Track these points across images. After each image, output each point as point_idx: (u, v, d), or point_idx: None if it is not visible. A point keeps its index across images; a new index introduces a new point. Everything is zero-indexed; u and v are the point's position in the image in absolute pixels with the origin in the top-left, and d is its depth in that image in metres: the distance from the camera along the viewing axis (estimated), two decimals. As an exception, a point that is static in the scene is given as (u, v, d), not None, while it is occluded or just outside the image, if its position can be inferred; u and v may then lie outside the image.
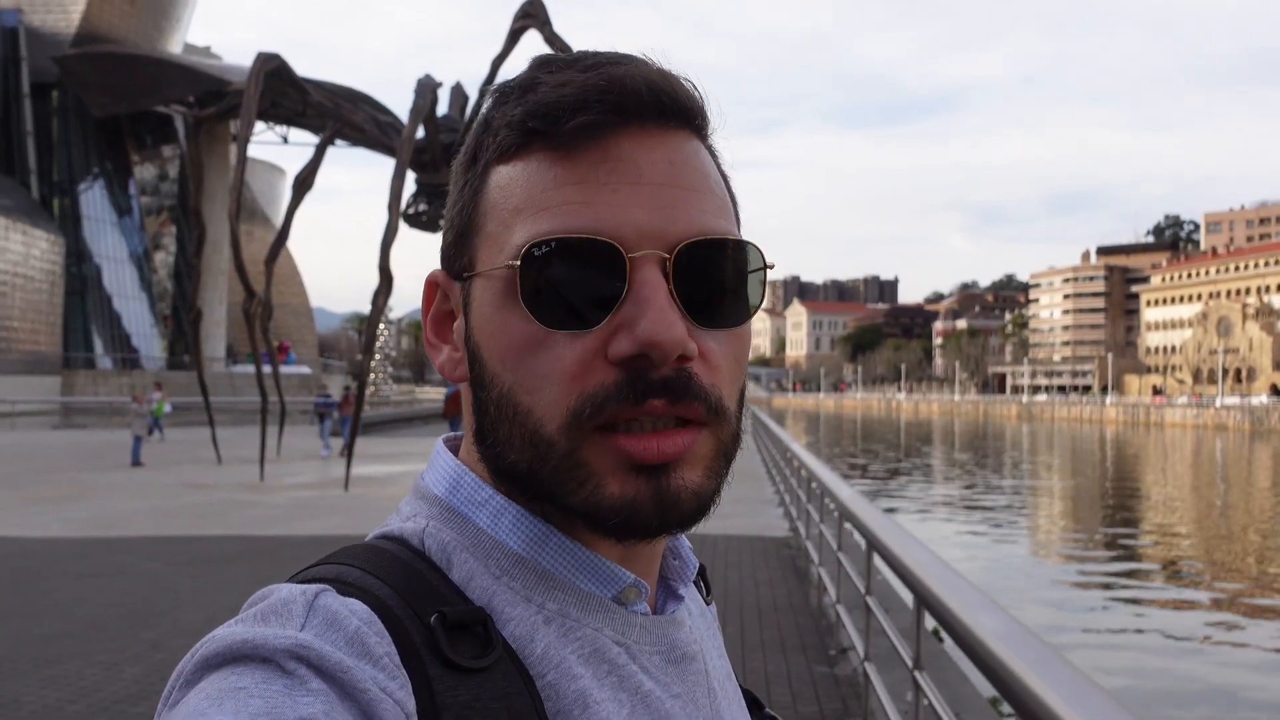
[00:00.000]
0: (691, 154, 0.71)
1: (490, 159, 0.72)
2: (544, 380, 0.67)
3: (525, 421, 0.68)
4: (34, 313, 64.11)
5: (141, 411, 22.72)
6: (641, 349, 0.65)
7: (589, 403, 0.66)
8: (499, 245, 0.70)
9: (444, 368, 0.76)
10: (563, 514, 0.70)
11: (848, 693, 6.15)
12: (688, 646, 0.76)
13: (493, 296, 0.70)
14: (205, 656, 0.58)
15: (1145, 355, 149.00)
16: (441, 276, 0.77)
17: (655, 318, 0.65)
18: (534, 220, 0.67)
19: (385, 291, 16.96)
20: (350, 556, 0.69)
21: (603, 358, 0.66)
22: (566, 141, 0.68)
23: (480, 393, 0.71)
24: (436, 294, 0.78)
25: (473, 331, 0.72)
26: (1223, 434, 73.37)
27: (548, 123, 0.68)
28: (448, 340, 0.77)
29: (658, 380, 0.66)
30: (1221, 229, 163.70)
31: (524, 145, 0.69)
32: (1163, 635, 12.93)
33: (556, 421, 0.66)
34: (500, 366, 0.69)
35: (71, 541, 11.74)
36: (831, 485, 7.29)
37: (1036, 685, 2.11)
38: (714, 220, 0.70)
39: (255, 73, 18.34)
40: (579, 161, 0.68)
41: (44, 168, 68.42)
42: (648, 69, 0.70)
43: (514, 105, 0.70)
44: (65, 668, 6.50)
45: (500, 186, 0.71)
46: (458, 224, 0.74)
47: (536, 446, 0.68)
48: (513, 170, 0.70)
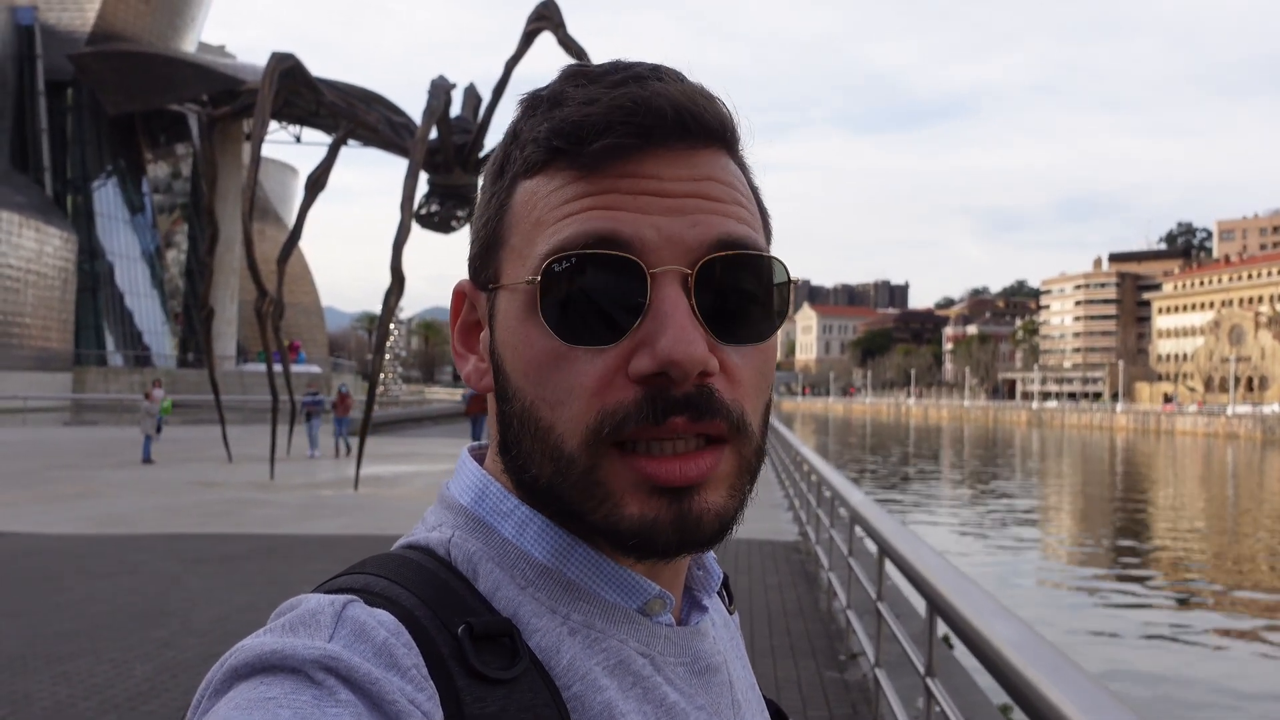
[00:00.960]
0: (718, 169, 0.71)
1: (517, 173, 0.72)
2: (565, 395, 0.67)
3: (546, 437, 0.68)
4: (46, 309, 64.32)
5: (151, 410, 22.80)
6: (661, 367, 0.64)
7: (608, 420, 0.65)
8: (522, 259, 0.70)
9: (470, 377, 0.77)
10: (584, 530, 0.70)
11: (858, 698, 6.14)
12: (712, 658, 0.76)
13: (516, 309, 0.70)
14: (234, 666, 0.58)
15: (1156, 363, 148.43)
16: (468, 287, 0.77)
17: (675, 335, 0.64)
18: (554, 231, 0.67)
19: (396, 291, 17.00)
20: (377, 566, 0.69)
21: (624, 374, 0.66)
22: (590, 160, 0.68)
23: (504, 405, 0.72)
24: (464, 304, 0.78)
25: (497, 344, 0.72)
26: (1234, 442, 73.02)
27: (572, 142, 0.68)
28: (474, 350, 0.77)
29: (679, 397, 0.65)
30: (1234, 237, 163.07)
31: (549, 161, 0.70)
32: (1176, 642, 12.89)
33: (576, 438, 0.66)
34: (523, 380, 0.69)
35: (83, 539, 11.78)
36: (842, 490, 7.28)
37: (1050, 692, 2.11)
38: (737, 229, 0.69)
39: (270, 72, 18.39)
40: (603, 176, 0.68)
41: (58, 165, 68.64)
42: (674, 88, 0.69)
43: (540, 119, 0.70)
44: (76, 665, 6.52)
45: (524, 200, 0.71)
46: (484, 236, 0.75)
47: (557, 462, 0.68)
48: (536, 184, 0.70)
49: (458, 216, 21.88)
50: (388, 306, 17.36)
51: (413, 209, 17.74)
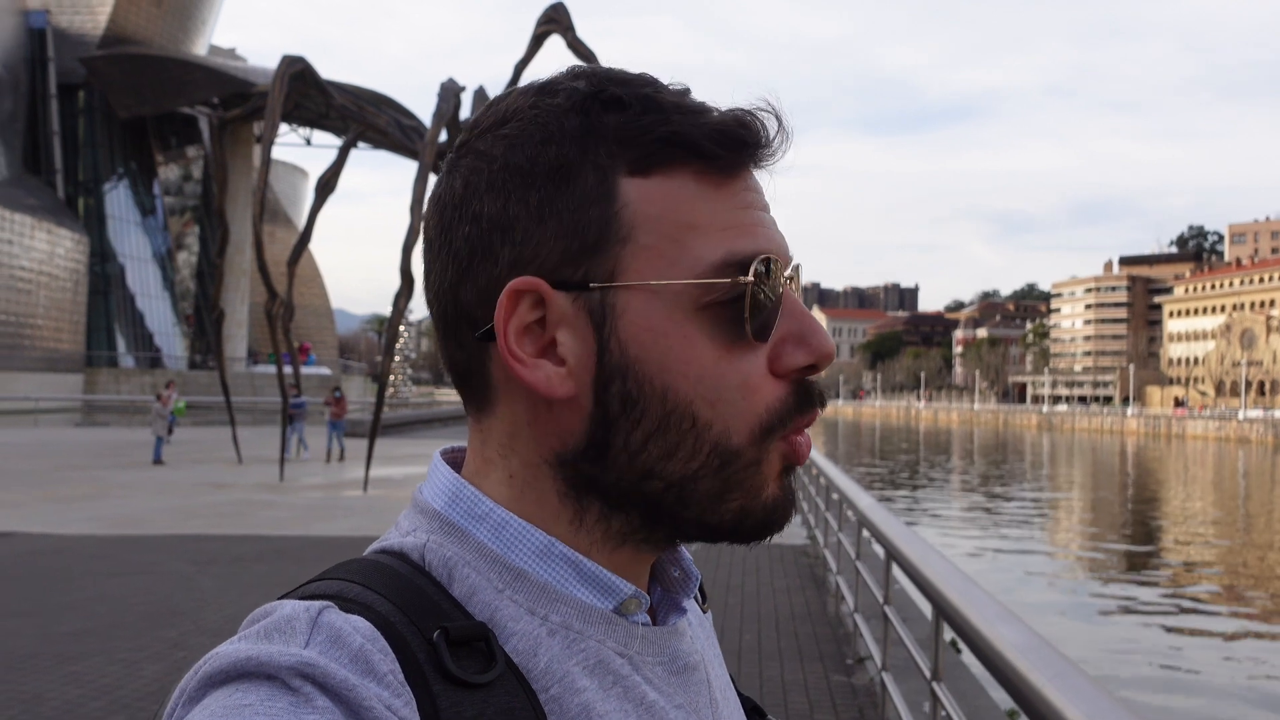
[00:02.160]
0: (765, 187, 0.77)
1: (615, 168, 0.69)
2: (730, 392, 0.69)
3: (705, 433, 0.69)
4: (58, 311, 64.62)
5: (163, 411, 22.87)
6: (818, 359, 0.71)
7: (773, 414, 0.70)
8: (666, 259, 0.68)
9: (541, 383, 0.70)
10: (663, 529, 0.73)
11: (865, 702, 6.14)
12: (689, 657, 0.76)
13: (668, 310, 0.68)
14: (209, 674, 0.58)
15: (1167, 367, 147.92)
16: (539, 284, 0.69)
17: (823, 332, 0.71)
18: (722, 237, 0.69)
19: (406, 294, 17.03)
20: (350, 572, 0.69)
21: (768, 371, 0.70)
22: (724, 168, 0.71)
23: (629, 408, 0.69)
24: (521, 303, 0.70)
25: (625, 343, 0.68)
26: (1245, 447, 72.73)
27: (722, 145, 0.70)
28: (544, 355, 0.70)
29: (819, 390, 0.73)
30: (1246, 240, 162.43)
31: (667, 161, 0.69)
32: (1185, 649, 12.84)
33: (745, 434, 0.70)
34: (677, 379, 0.68)
35: (94, 539, 11.83)
36: (850, 493, 7.29)
37: (1056, 698, 2.11)
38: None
39: (280, 75, 18.45)
40: (734, 185, 0.72)
41: (70, 168, 68.99)
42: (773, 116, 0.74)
43: (653, 119, 0.69)
44: (86, 665, 6.56)
45: (649, 199, 0.69)
46: (578, 231, 0.69)
47: (719, 455, 0.69)
48: (660, 185, 0.69)
49: (467, 219, 21.92)
50: (397, 309, 17.39)
51: (422, 211, 17.74)
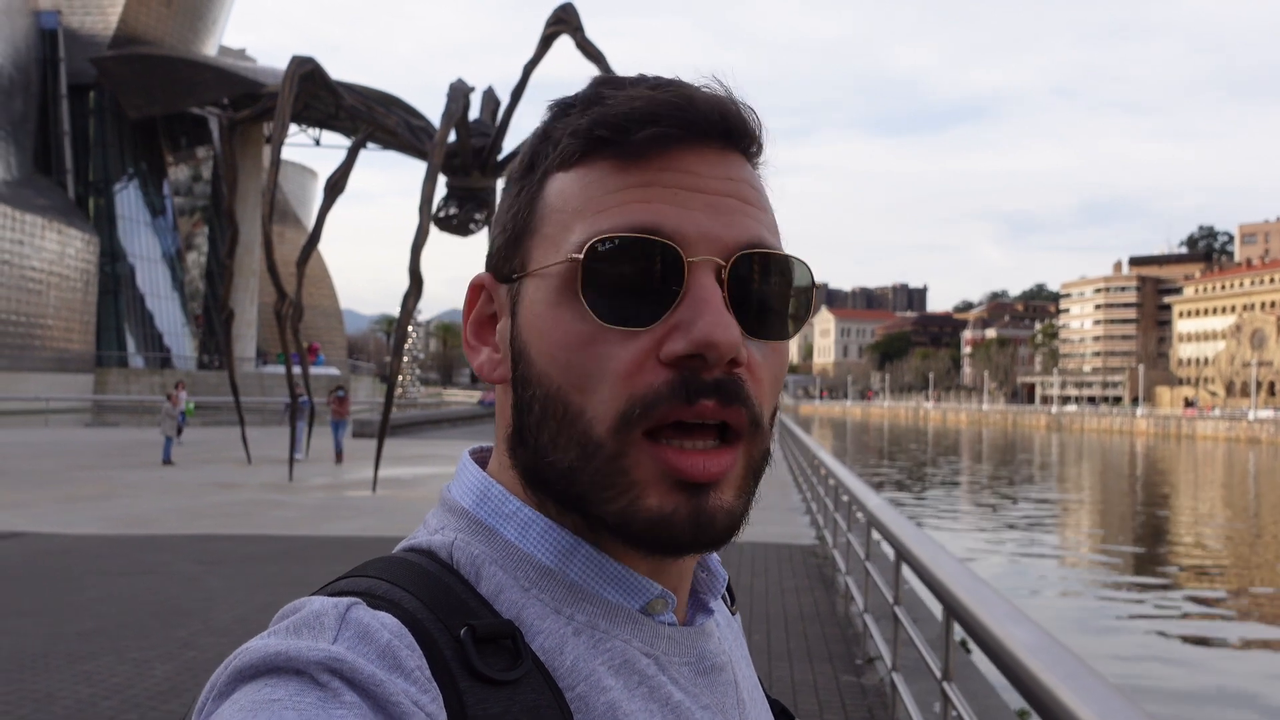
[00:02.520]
0: (750, 174, 0.73)
1: (550, 166, 0.73)
2: (595, 379, 0.67)
3: (575, 422, 0.68)
4: (68, 311, 64.81)
5: (172, 411, 22.92)
6: (698, 349, 0.66)
7: (638, 403, 0.66)
8: (555, 245, 0.70)
9: (482, 368, 0.76)
10: (590, 525, 0.70)
11: (874, 702, 6.13)
12: (716, 657, 0.76)
13: (546, 294, 0.70)
14: (239, 668, 0.59)
15: (1177, 367, 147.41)
16: (487, 279, 0.77)
17: (713, 319, 0.66)
18: (594, 219, 0.69)
19: (415, 294, 17.04)
20: (379, 569, 0.70)
21: (654, 359, 0.67)
22: (633, 151, 0.69)
23: (524, 392, 0.71)
24: (480, 297, 0.78)
25: (520, 330, 0.72)
26: (1256, 447, 72.46)
27: (616, 132, 0.69)
28: (488, 342, 0.77)
29: (710, 382, 0.66)
30: (1256, 240, 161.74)
31: (587, 153, 0.71)
32: (1197, 649, 12.80)
33: (606, 423, 0.67)
34: (550, 364, 0.69)
35: (104, 539, 11.87)
36: (859, 494, 7.27)
37: (1068, 698, 2.11)
38: (767, 235, 0.72)
39: (289, 76, 18.48)
40: (644, 168, 0.69)
41: (80, 168, 69.20)
42: (718, 93, 0.72)
43: (578, 116, 0.71)
44: (97, 664, 6.57)
45: (560, 191, 0.71)
46: (511, 228, 0.75)
47: (584, 447, 0.68)
48: (574, 176, 0.71)
49: (476, 219, 21.90)
50: (406, 309, 17.40)
51: (431, 212, 17.79)
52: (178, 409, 23.35)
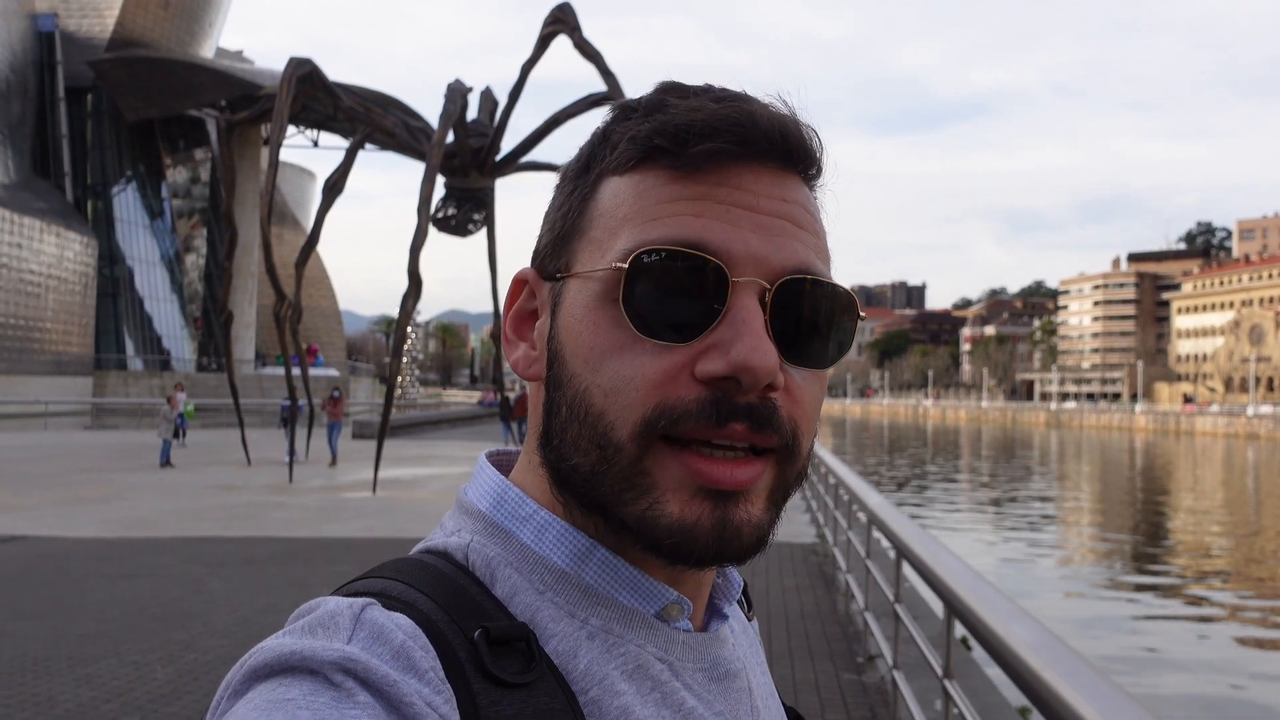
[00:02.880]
0: (805, 197, 0.72)
1: (606, 169, 0.72)
2: (624, 384, 0.67)
3: (597, 424, 0.67)
4: (66, 314, 64.82)
5: (169, 414, 22.87)
6: (734, 371, 0.64)
7: (666, 414, 0.65)
8: (602, 250, 0.70)
9: (518, 364, 0.76)
10: (613, 528, 0.70)
11: (876, 701, 6.13)
12: (730, 664, 0.76)
13: (587, 298, 0.70)
14: (253, 667, 0.59)
15: (1176, 363, 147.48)
16: (532, 275, 0.77)
17: (752, 343, 0.65)
18: (643, 228, 0.68)
19: (414, 295, 17.02)
20: (395, 571, 0.70)
21: (688, 373, 0.66)
22: (689, 163, 0.68)
23: (555, 392, 0.71)
24: (523, 291, 0.78)
25: (558, 330, 0.72)
26: (1255, 443, 72.50)
27: (675, 142, 0.68)
28: (526, 338, 0.77)
29: (742, 405, 0.65)
30: (1254, 236, 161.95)
31: (644, 160, 0.70)
32: (1198, 645, 12.80)
33: (629, 427, 0.66)
34: (581, 366, 0.69)
35: (104, 542, 11.86)
36: (860, 492, 7.28)
37: (1070, 695, 2.11)
38: (816, 261, 0.70)
39: (287, 77, 18.46)
40: (698, 181, 0.68)
41: (78, 171, 69.23)
42: (780, 111, 0.71)
43: (639, 122, 0.71)
44: (99, 667, 6.57)
45: (612, 195, 0.71)
46: (559, 227, 0.74)
47: (604, 449, 0.67)
48: (628, 182, 0.71)
49: (474, 220, 21.87)
50: (405, 310, 17.39)
51: (430, 212, 17.79)
52: (176, 411, 23.31)
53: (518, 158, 20.95)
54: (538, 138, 20.37)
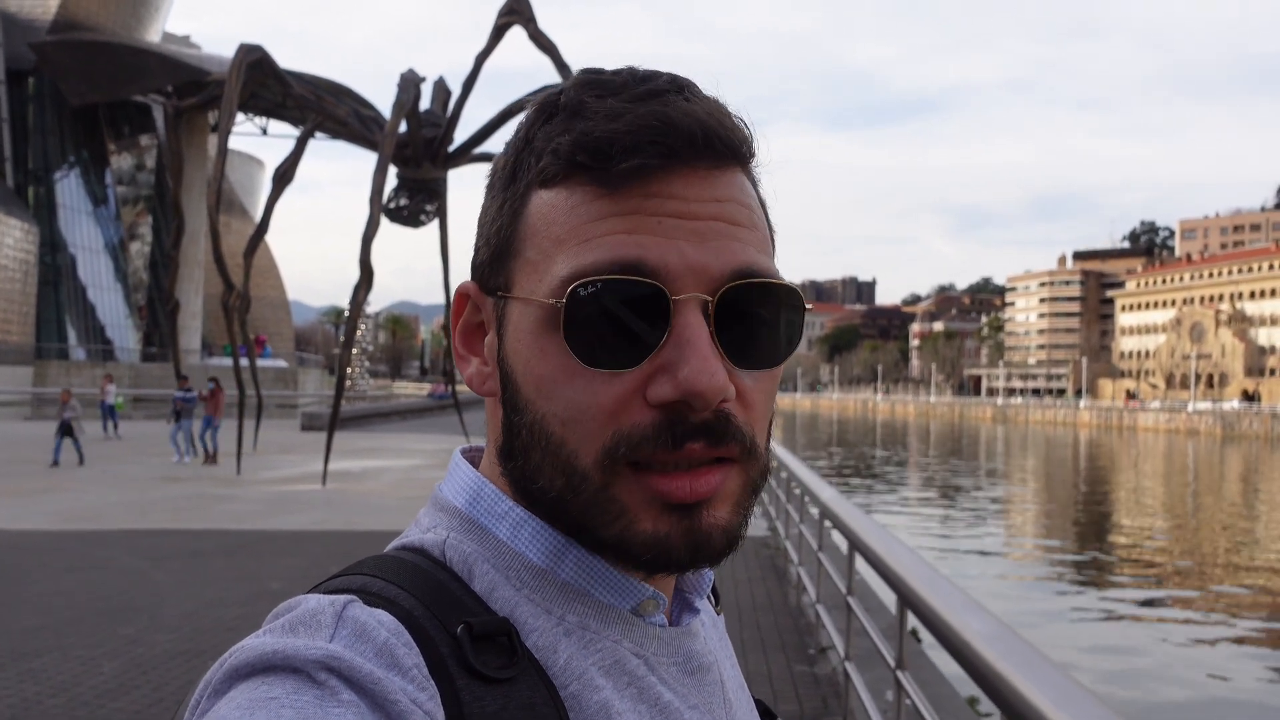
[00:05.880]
0: (738, 189, 0.71)
1: (532, 181, 0.71)
2: (579, 414, 0.67)
3: (559, 451, 0.68)
4: (6, 302, 63.42)
5: (73, 407, 20.69)
6: (683, 396, 0.64)
7: (624, 442, 0.66)
8: (539, 274, 0.69)
9: (472, 380, 0.76)
10: (587, 544, 0.70)
11: (828, 692, 6.19)
12: (703, 657, 0.77)
13: (531, 324, 0.69)
14: (235, 666, 0.58)
15: (1119, 360, 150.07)
16: (473, 289, 0.76)
17: (698, 365, 0.64)
18: (577, 252, 0.67)
19: (365, 286, 16.89)
20: (373, 567, 0.70)
21: (641, 397, 0.66)
22: (615, 180, 0.67)
23: (513, 415, 0.71)
24: (467, 305, 0.77)
25: (507, 353, 0.72)
26: (1194, 438, 74.03)
27: (597, 158, 0.67)
28: (477, 352, 0.76)
29: (697, 424, 0.65)
30: (1196, 236, 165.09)
31: (569, 174, 0.69)
32: (1142, 633, 13.07)
33: (591, 457, 0.67)
34: (535, 394, 0.69)
35: (48, 534, 11.65)
36: (813, 486, 7.33)
37: (1021, 684, 2.15)
38: (757, 258, 0.69)
39: (237, 64, 18.21)
40: (627, 195, 0.67)
41: (19, 156, 67.64)
42: (700, 107, 0.69)
43: (559, 128, 0.69)
44: (42, 661, 6.47)
45: (542, 213, 0.70)
46: (495, 243, 0.73)
47: (570, 478, 0.68)
48: (555, 197, 0.69)
49: (426, 210, 21.72)
50: (356, 301, 17.25)
51: (382, 203, 17.65)
52: (107, 403, 22.38)
53: (471, 149, 20.84)
54: (491, 129, 20.26)
